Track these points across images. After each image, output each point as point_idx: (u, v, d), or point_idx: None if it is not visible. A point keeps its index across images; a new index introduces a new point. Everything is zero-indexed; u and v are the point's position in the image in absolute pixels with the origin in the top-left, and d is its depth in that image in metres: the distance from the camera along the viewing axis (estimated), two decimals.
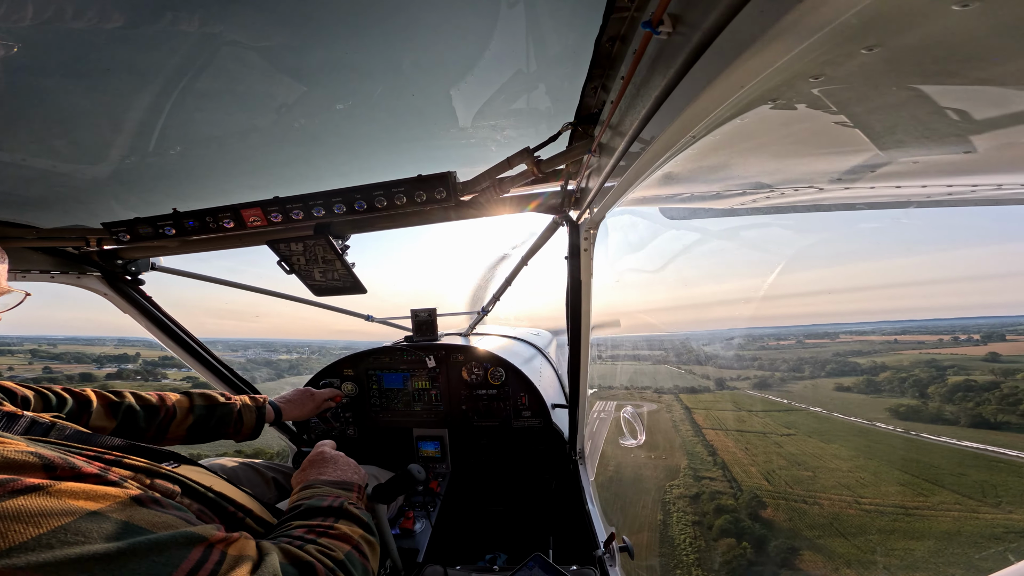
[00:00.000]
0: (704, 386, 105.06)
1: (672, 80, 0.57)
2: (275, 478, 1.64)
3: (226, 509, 0.88)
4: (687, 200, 1.62)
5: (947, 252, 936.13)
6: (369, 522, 1.01)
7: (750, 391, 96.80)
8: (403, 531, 1.86)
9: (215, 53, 0.79)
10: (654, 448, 55.54)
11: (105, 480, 0.66)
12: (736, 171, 1.11)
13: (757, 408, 77.05)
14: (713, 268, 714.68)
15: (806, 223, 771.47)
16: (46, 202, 1.51)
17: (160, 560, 0.59)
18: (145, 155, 1.18)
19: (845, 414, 78.29)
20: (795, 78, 0.49)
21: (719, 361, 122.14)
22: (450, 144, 1.32)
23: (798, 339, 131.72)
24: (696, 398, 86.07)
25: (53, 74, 0.81)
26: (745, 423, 68.82)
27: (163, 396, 1.48)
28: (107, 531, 0.58)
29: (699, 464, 52.93)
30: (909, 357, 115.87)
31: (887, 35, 0.36)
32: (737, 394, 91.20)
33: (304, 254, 1.77)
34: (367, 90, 0.96)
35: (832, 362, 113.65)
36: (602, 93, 0.99)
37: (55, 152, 1.14)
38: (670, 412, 73.64)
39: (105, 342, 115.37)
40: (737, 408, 77.00)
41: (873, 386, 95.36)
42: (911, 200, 1.36)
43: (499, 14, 0.74)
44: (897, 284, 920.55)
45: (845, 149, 0.81)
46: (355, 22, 0.73)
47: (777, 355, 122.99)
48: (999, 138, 0.64)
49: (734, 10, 0.38)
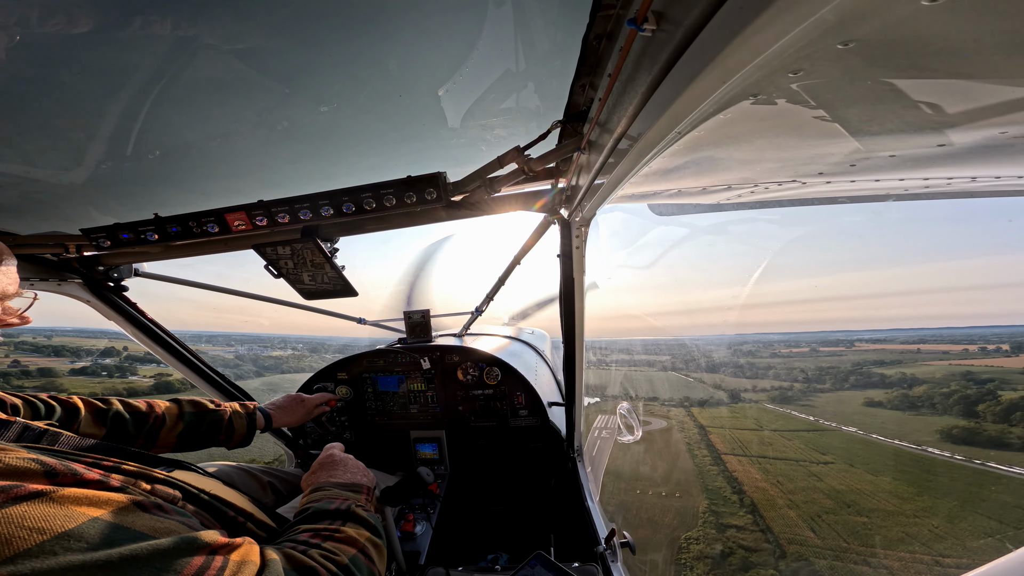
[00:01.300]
0: (717, 398, 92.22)
1: (657, 76, 0.58)
2: (271, 482, 1.62)
3: (226, 514, 0.87)
4: (675, 196, 1.64)
5: (965, 260, 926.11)
6: (377, 524, 1.00)
7: (769, 405, 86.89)
8: (404, 534, 1.85)
9: (192, 56, 0.78)
10: (667, 482, 43.04)
11: (107, 486, 0.66)
12: (721, 166, 1.13)
13: (782, 427, 65.45)
14: (717, 269, 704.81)
15: (793, 217, 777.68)
16: (21, 209, 1.47)
17: (162, 566, 0.59)
18: (123, 160, 1.16)
19: (885, 435, 67.33)
20: (774, 73, 0.51)
21: (729, 369, 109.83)
22: (440, 144, 1.32)
23: (811, 347, 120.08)
24: (711, 414, 73.83)
25: (24, 78, 0.79)
26: (771, 446, 56.70)
27: (151, 403, 1.45)
28: (110, 537, 0.58)
29: (722, 505, 40.06)
30: (939, 368, 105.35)
31: (860, 30, 0.38)
32: (756, 409, 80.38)
33: (292, 258, 1.75)
34: (352, 92, 0.96)
35: (854, 373, 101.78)
36: (590, 90, 1.00)
37: (28, 157, 1.12)
38: (683, 431, 61.32)
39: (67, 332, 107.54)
40: (759, 426, 65.47)
41: (909, 401, 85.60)
42: (890, 193, 1.39)
43: (487, 13, 0.75)
44: (917, 291, 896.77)
45: (825, 143, 0.84)
46: (338, 23, 0.73)
47: (792, 363, 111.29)
48: (971, 131, 0.67)
49: (715, 6, 0.39)
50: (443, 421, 2.52)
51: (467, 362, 2.47)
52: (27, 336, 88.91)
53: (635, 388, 77.34)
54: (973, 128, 0.69)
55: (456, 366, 2.48)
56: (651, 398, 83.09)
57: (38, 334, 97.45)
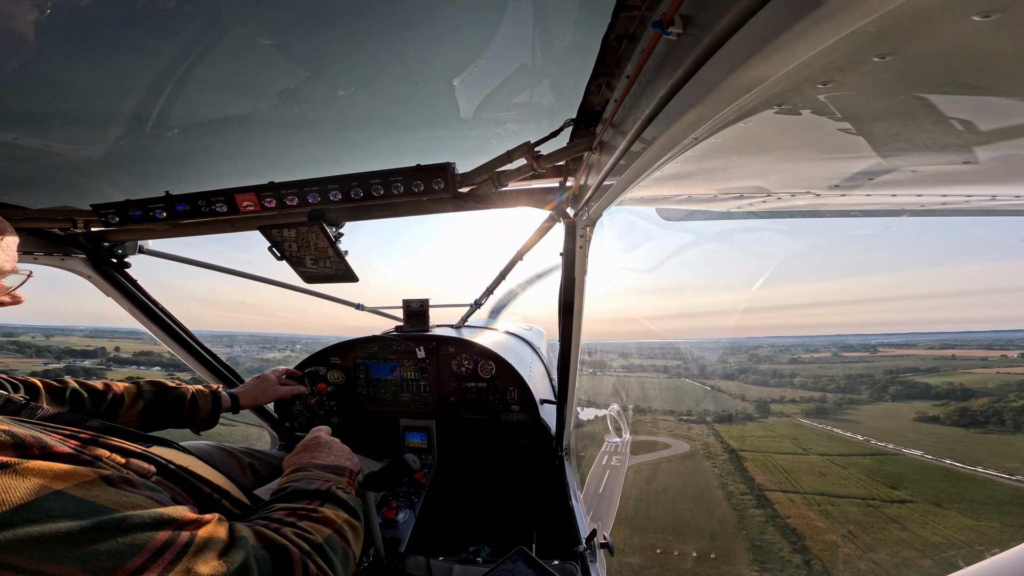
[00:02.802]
0: (742, 411, 73.48)
1: (679, 81, 0.57)
2: (252, 463, 1.61)
3: (201, 490, 0.86)
4: (684, 201, 1.62)
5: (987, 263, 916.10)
6: (356, 507, 0.99)
7: (804, 420, 66.70)
8: (385, 520, 1.86)
9: (221, 35, 0.77)
10: (697, 535, 29.63)
11: (77, 460, 0.66)
12: (735, 174, 1.11)
13: (830, 450, 46.46)
14: (721, 273, 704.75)
15: (804, 226, 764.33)
16: (36, 182, 1.47)
17: (124, 540, 0.58)
18: (141, 137, 1.16)
19: (961, 461, 49.18)
20: (803, 83, 0.49)
21: (749, 376, 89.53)
22: (450, 135, 1.31)
23: (833, 351, 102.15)
24: (739, 431, 56.54)
25: (56, 52, 0.79)
26: (826, 478, 40.44)
27: (108, 383, 1.44)
28: (71, 510, 0.57)
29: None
30: (988, 377, 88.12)
31: (903, 43, 0.36)
32: (789, 425, 60.72)
33: (296, 240, 1.75)
34: (370, 77, 0.95)
35: (893, 382, 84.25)
36: (606, 91, 0.98)
37: (50, 132, 1.12)
38: (711, 457, 43.94)
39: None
40: (801, 448, 46.85)
41: (970, 417, 67.93)
42: (905, 208, 1.37)
43: (507, 6, 0.73)
44: (942, 294, 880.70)
45: (846, 156, 0.82)
46: (362, 5, 0.72)
47: (817, 370, 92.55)
48: (1001, 149, 0.64)
49: (749, 13, 0.38)
50: (434, 411, 2.52)
51: (462, 354, 2.46)
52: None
53: (645, 398, 59.15)
54: (1003, 146, 0.67)
55: (451, 357, 2.48)
56: (667, 411, 67.15)
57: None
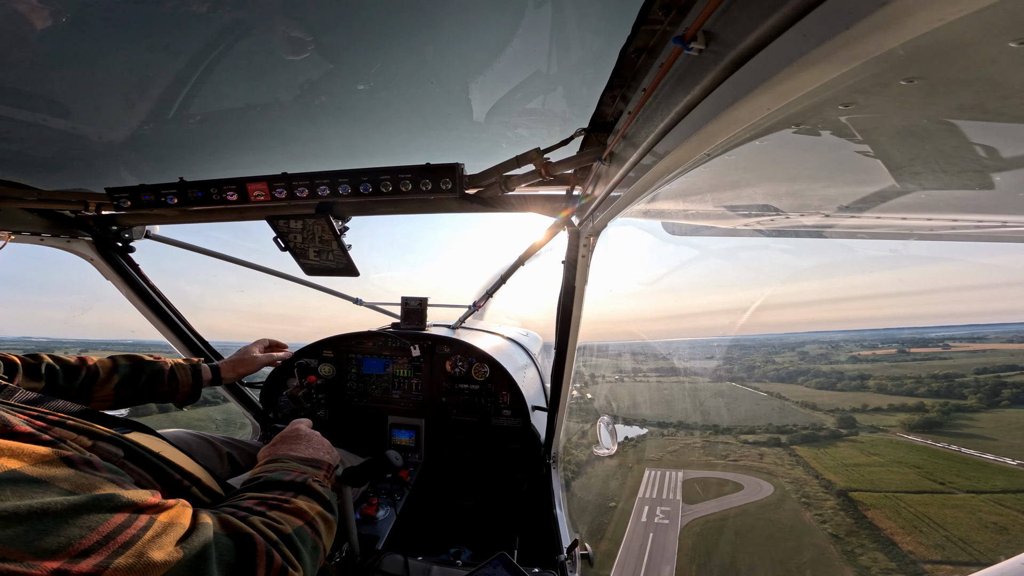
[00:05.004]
0: (820, 425, 46.02)
1: (696, 97, 0.56)
2: (230, 453, 1.59)
3: (171, 476, 0.84)
4: (692, 217, 1.61)
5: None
6: (331, 501, 0.97)
7: (909, 435, 47.67)
8: (364, 517, 1.82)
9: (252, 24, 0.78)
10: None
11: (37, 439, 0.64)
12: (746, 192, 1.10)
13: (979, 483, 32.42)
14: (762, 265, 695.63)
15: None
16: (54, 164, 1.48)
17: (76, 522, 0.57)
18: (163, 122, 1.17)
19: None
20: (824, 104, 0.48)
21: (811, 380, 66.10)
22: (461, 136, 1.31)
23: (898, 347, 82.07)
24: (832, 457, 36.93)
25: (91, 36, 0.79)
26: (1010, 534, 26.38)
27: (83, 357, 1.42)
28: (23, 489, 0.56)
29: None
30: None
31: (932, 68, 0.35)
32: (894, 444, 42.13)
33: (302, 232, 1.76)
34: (389, 73, 0.95)
35: (1001, 384, 58.16)
36: (620, 103, 0.98)
37: (76, 114, 1.12)
38: (810, 506, 26.71)
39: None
40: (938, 483, 32.63)
41: None
42: (913, 232, 1.36)
43: (524, 12, 0.73)
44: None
45: (860, 178, 0.81)
46: (388, 2, 0.72)
47: (891, 371, 73.01)
48: (1018, 176, 0.64)
49: (776, 32, 0.37)
50: (424, 410, 2.49)
51: (457, 355, 2.45)
52: None
53: (685, 411, 36.93)
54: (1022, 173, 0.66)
55: (446, 357, 2.46)
56: (716, 427, 42.09)
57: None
